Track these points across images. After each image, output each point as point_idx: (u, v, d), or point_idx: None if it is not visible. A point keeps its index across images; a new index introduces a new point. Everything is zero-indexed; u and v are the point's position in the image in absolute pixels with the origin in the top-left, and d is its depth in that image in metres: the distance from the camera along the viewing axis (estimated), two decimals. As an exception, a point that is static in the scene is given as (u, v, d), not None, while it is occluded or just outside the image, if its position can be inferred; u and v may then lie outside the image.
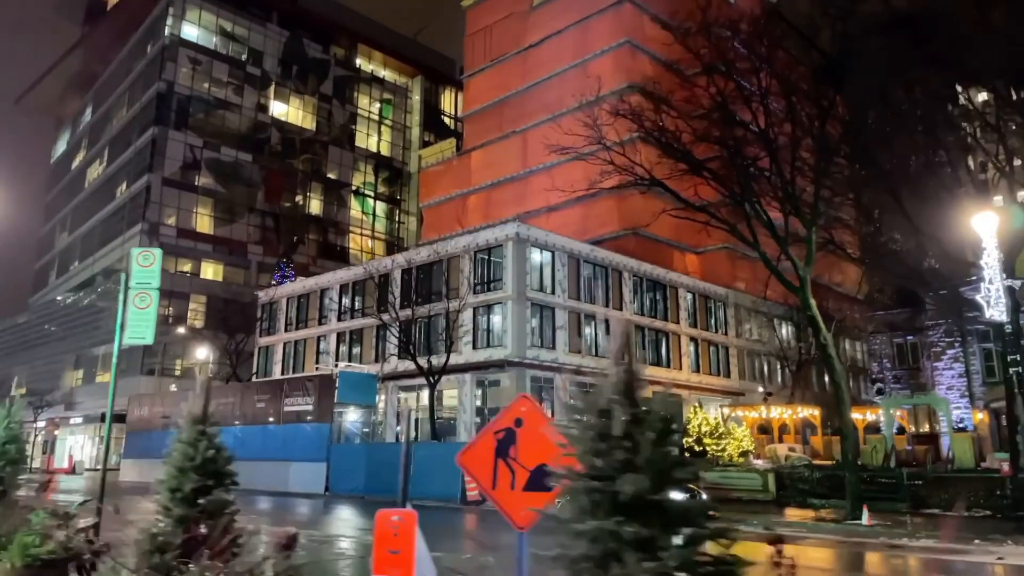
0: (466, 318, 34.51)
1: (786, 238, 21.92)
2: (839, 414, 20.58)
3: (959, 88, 61.45)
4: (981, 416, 40.67)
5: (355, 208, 76.54)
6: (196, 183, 65.15)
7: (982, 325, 41.95)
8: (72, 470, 54.33)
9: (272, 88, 71.19)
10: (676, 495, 10.63)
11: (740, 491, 24.65)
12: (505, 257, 34.84)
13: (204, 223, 65.59)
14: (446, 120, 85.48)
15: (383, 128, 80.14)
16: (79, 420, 63.78)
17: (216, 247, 65.66)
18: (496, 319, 35.05)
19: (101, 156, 74.94)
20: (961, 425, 34.69)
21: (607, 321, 38.74)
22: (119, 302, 9.18)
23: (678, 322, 43.16)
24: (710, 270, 47.71)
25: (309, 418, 32.37)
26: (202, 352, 61.61)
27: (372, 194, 78.12)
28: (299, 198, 72.34)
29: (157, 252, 9.42)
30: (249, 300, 55.13)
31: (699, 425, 32.32)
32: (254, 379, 45.93)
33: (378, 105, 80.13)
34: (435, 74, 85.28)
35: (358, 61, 79.23)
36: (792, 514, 22.05)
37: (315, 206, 73.44)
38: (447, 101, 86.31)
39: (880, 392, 38.92)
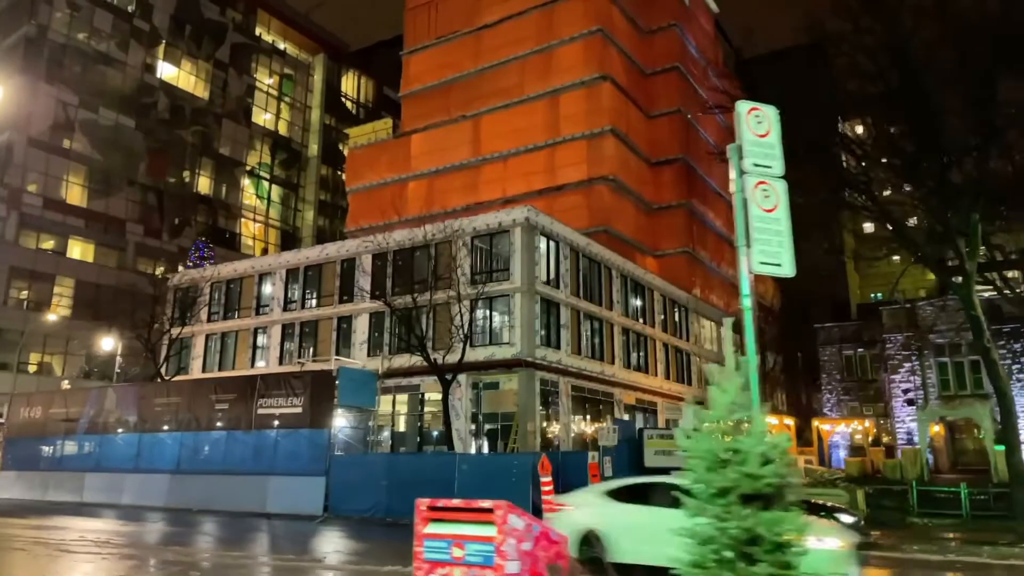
0: (451, 314, 30.26)
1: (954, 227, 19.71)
2: (1006, 424, 18.86)
3: (839, 119, 63.14)
4: (937, 428, 41.54)
5: (248, 190, 68.99)
6: (68, 147, 55.75)
7: (938, 339, 43.13)
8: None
9: (162, 48, 62.62)
10: (846, 519, 8.33)
11: (827, 508, 22.50)
12: (512, 244, 31.03)
13: (75, 194, 56.24)
14: (348, 104, 79.51)
15: (282, 106, 73.03)
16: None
17: (89, 223, 56.47)
18: (500, 314, 31.14)
19: (-63, 107, 62.60)
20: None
21: (602, 321, 35.86)
22: (735, 192, 5.05)
23: (654, 326, 41.07)
24: (669, 275, 46.08)
25: (276, 423, 26.98)
26: (63, 342, 53.38)
27: (267, 176, 70.82)
28: (186, 174, 64.03)
29: (771, 111, 5.33)
30: (127, 286, 47.94)
31: (722, 435, 30.06)
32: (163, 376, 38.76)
33: (277, 80, 72.96)
34: (338, 54, 79.25)
35: (258, 30, 71.73)
36: (902, 536, 19.99)
37: (204, 184, 65.28)
38: (350, 84, 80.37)
39: (911, 403, 38.61)
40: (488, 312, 31.15)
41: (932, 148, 19.05)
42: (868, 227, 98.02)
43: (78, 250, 56.17)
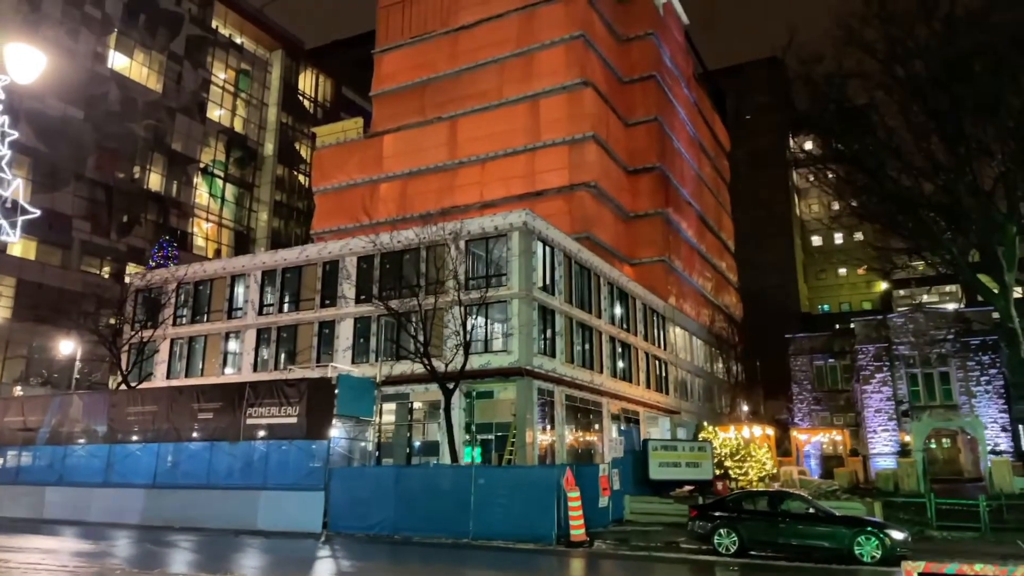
0: (454, 318, 29.15)
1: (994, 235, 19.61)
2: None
3: (790, 133, 64.35)
4: (908, 439, 42.17)
5: (201, 189, 66.19)
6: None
7: (908, 351, 43.86)
8: None
9: (114, 37, 59.59)
10: (896, 534, 15.97)
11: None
12: (511, 249, 30.08)
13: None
14: (305, 103, 77.30)
15: (238, 102, 70.41)
16: None
17: (31, 219, 53.05)
18: (497, 321, 30.14)
19: None
20: (997, 448, 35.18)
21: (591, 329, 35.20)
22: None
23: (636, 335, 40.65)
24: (645, 283, 45.76)
25: (262, 433, 25.40)
26: (2, 345, 50.50)
27: (222, 175, 68.10)
28: (137, 170, 61.00)
29: None
30: (89, 287, 45.87)
31: (720, 447, 29.74)
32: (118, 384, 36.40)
33: (233, 75, 70.33)
34: (296, 51, 77.02)
35: (214, 23, 69.04)
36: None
37: (155, 181, 62.28)
38: (307, 83, 78.19)
39: (906, 415, 38.87)
40: (485, 319, 30.12)
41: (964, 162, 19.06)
42: (816, 240, 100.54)
43: (19, 247, 52.79)
